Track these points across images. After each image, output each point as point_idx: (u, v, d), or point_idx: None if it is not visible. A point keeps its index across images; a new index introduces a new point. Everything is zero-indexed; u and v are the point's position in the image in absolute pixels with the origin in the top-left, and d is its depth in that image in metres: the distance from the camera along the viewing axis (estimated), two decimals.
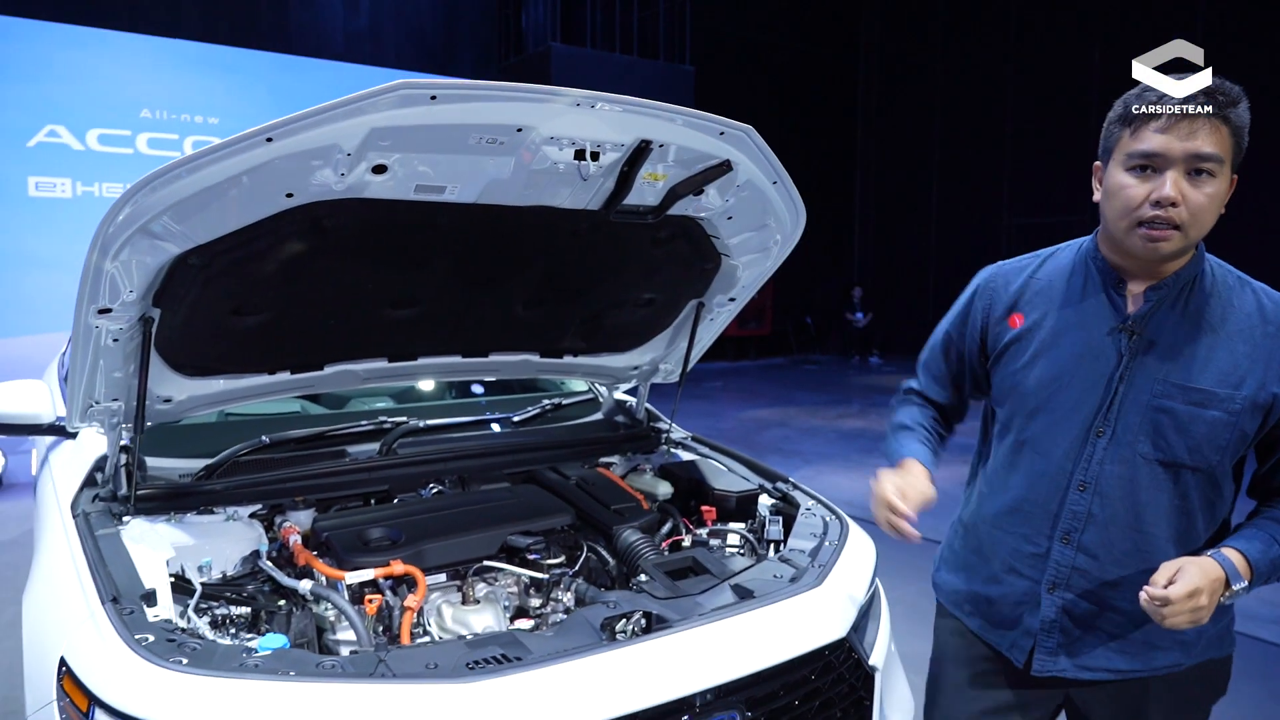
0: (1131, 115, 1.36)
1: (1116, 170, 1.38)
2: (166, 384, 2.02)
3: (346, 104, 1.48)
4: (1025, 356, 1.53)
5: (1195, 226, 1.33)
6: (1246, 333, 1.39)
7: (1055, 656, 1.50)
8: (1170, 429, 1.39)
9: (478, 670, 1.44)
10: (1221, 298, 1.42)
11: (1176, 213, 1.31)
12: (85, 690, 1.40)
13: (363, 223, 1.79)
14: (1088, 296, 1.48)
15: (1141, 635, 1.46)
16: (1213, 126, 1.30)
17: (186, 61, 6.59)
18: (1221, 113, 1.31)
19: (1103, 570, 1.45)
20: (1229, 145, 1.32)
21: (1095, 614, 1.47)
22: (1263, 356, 1.37)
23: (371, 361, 2.27)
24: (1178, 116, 1.30)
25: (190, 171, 1.50)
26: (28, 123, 5.82)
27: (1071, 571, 1.47)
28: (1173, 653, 1.48)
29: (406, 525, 2.00)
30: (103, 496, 2.02)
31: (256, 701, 1.34)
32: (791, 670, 1.66)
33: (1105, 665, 1.48)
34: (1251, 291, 1.44)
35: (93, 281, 1.63)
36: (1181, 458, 1.39)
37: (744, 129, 1.91)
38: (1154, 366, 1.40)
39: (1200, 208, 1.31)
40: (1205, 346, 1.39)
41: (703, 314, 2.60)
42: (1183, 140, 1.29)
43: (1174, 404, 1.39)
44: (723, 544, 2.18)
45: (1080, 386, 1.45)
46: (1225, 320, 1.40)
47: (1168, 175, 1.31)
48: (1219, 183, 1.32)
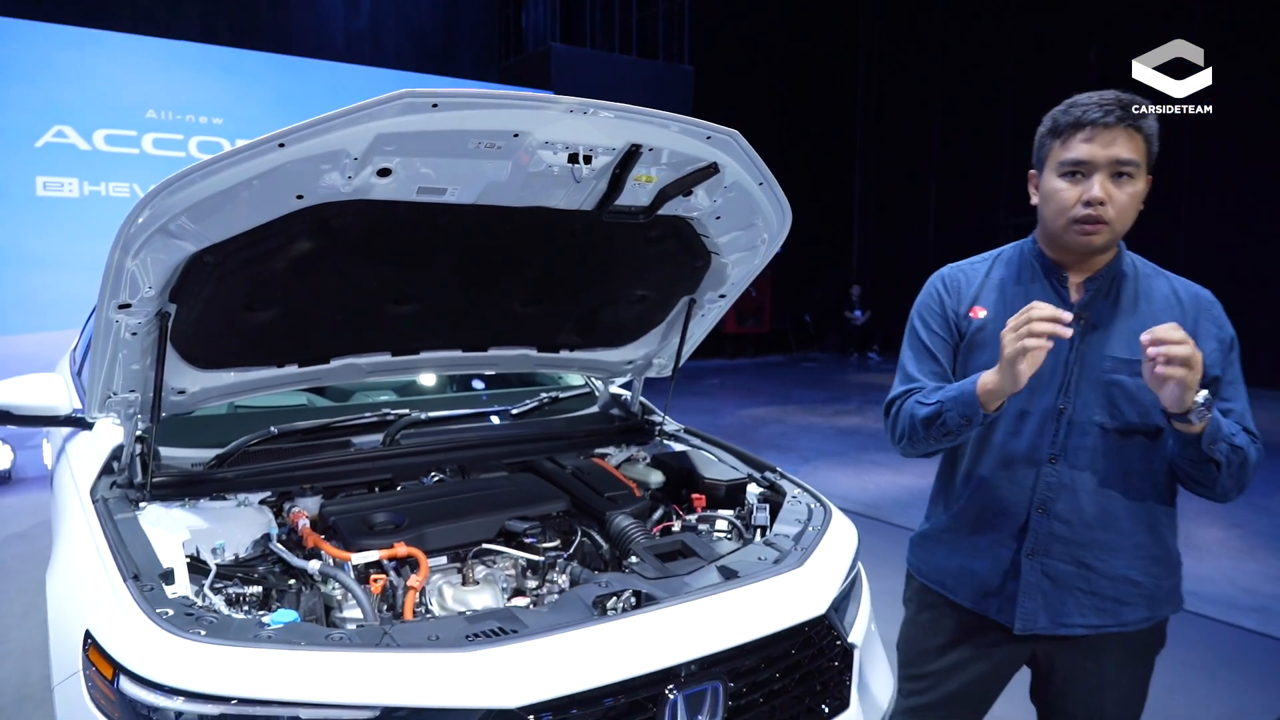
0: (1060, 128, 1.57)
1: (1051, 177, 1.58)
2: (181, 376, 2.11)
3: (354, 111, 1.58)
4: (989, 348, 1.67)
5: (1120, 221, 1.54)
6: (1168, 312, 1.61)
7: (1035, 616, 1.65)
8: (1122, 399, 1.58)
9: (476, 641, 1.53)
10: (1143, 285, 1.65)
11: (1104, 210, 1.51)
12: (110, 660, 1.50)
13: (368, 223, 1.88)
14: (1035, 291, 1.67)
15: (1113, 593, 1.63)
16: (1128, 135, 1.51)
17: (190, 63, 6.68)
18: (1134, 123, 1.51)
19: (1074, 534, 1.62)
20: (1143, 151, 1.53)
21: (1071, 575, 1.63)
22: (1187, 331, 1.51)
23: (376, 355, 2.37)
24: (1099, 128, 1.51)
25: (207, 175, 1.60)
26: (36, 124, 5.92)
27: (1049, 538, 1.63)
28: (1139, 608, 1.64)
29: (409, 510, 2.11)
30: (120, 483, 2.12)
31: (271, 669, 1.44)
32: (772, 644, 1.75)
33: (1081, 622, 1.64)
34: (1165, 279, 1.68)
35: (114, 278, 1.73)
36: (1134, 422, 1.58)
37: (730, 133, 2.01)
38: (1099, 346, 1.60)
39: (1123, 205, 1.53)
40: (1139, 325, 1.56)
41: (694, 310, 2.70)
42: (1105, 148, 1.51)
43: (1122, 377, 1.58)
44: (711, 529, 2.28)
45: (1040, 371, 1.57)
46: (1150, 303, 1.63)
47: (1095, 179, 1.52)
48: (1137, 183, 1.54)
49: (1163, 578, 1.66)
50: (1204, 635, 3.71)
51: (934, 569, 1.81)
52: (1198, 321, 1.61)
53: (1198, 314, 1.62)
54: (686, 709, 1.61)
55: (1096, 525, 1.61)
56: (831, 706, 1.88)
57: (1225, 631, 3.76)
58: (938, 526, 1.82)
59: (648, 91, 11.09)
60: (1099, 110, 1.51)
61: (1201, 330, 1.60)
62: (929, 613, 1.83)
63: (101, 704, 1.52)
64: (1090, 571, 1.62)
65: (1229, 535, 5.15)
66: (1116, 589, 1.63)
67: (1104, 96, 1.53)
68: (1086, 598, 1.63)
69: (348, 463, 2.33)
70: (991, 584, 1.69)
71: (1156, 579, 1.65)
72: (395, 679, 1.45)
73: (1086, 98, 1.55)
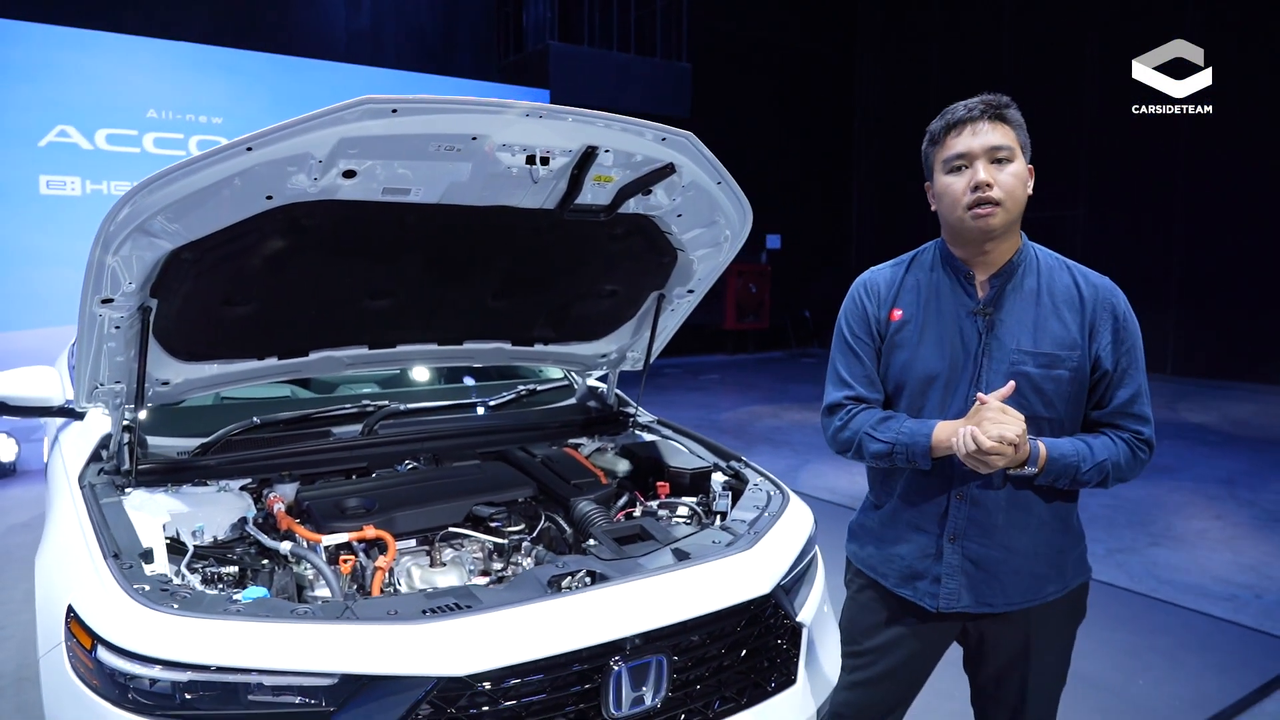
0: (936, 135, 1.73)
1: (939, 177, 1.73)
2: (165, 368, 2.22)
3: (317, 117, 1.67)
4: (908, 347, 1.79)
5: (1011, 200, 1.65)
6: (1070, 303, 1.71)
7: (958, 596, 1.75)
8: (1028, 389, 1.68)
9: (432, 615, 1.63)
10: (1047, 278, 1.74)
11: (993, 192, 1.64)
12: (90, 631, 1.61)
13: (337, 221, 1.98)
14: (945, 291, 1.78)
15: (1030, 570, 1.73)
16: (995, 125, 1.66)
17: (191, 63, 6.80)
18: (998, 114, 1.67)
19: (990, 518, 1.72)
20: (1014, 137, 1.68)
21: (991, 557, 1.73)
22: (1086, 324, 1.69)
23: (353, 349, 2.47)
24: (968, 123, 1.67)
25: (182, 176, 1.70)
26: (39, 123, 6.04)
27: (967, 523, 1.74)
28: (1053, 582, 1.76)
29: (381, 496, 2.21)
30: (107, 470, 2.23)
31: (239, 639, 1.54)
32: (716, 621, 1.85)
33: (1003, 600, 1.74)
34: (1067, 271, 1.76)
35: (96, 274, 1.83)
36: (1039, 411, 1.69)
37: (685, 135, 2.10)
38: (1006, 339, 1.70)
39: (1009, 185, 1.65)
40: (1041, 318, 1.69)
41: (664, 305, 2.79)
42: (977, 137, 1.66)
43: (1028, 368, 1.68)
44: (671, 514, 2.37)
45: (955, 366, 1.73)
46: (1053, 295, 1.72)
47: (977, 165, 1.66)
48: (1016, 165, 1.67)
49: (1069, 550, 1.79)
50: (1170, 622, 3.79)
51: (866, 554, 1.91)
52: (1095, 314, 1.70)
53: (1095, 306, 1.70)
54: (631, 680, 1.70)
55: (1011, 508, 1.72)
56: (778, 682, 1.98)
57: (1192, 618, 3.84)
58: (869, 514, 1.92)
59: (645, 89, 11.17)
60: (964, 110, 1.68)
61: (1099, 323, 1.70)
62: (864, 594, 1.93)
63: (81, 673, 1.62)
64: (1008, 552, 1.72)
65: (1210, 526, 5.22)
66: (1033, 566, 1.73)
67: (970, 100, 1.69)
68: (1007, 577, 1.73)
69: (325, 451, 2.43)
70: (916, 568, 1.79)
71: (1064, 552, 1.77)
72: (353, 649, 1.55)
73: (956, 105, 1.71)
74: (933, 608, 1.77)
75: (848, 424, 1.83)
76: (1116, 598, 4.07)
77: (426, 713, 1.54)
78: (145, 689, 1.54)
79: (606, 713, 1.69)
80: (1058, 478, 1.66)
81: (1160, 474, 6.48)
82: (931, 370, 1.74)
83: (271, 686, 1.53)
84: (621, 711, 1.70)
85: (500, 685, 1.59)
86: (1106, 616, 3.82)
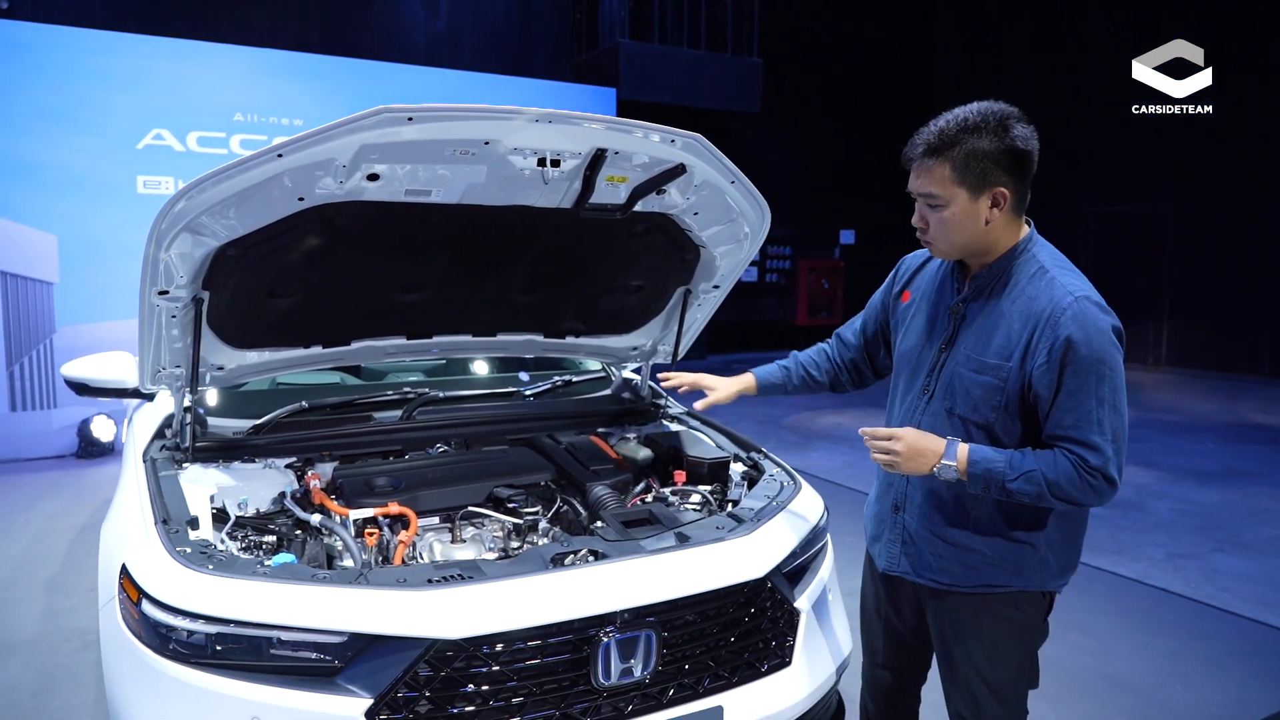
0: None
1: None
2: (219, 354, 2.43)
3: (339, 125, 1.83)
4: (903, 327, 1.92)
5: (942, 240, 1.74)
6: (1024, 316, 1.70)
7: (898, 560, 1.90)
8: (959, 391, 1.76)
9: (435, 584, 1.78)
10: (1019, 287, 1.73)
11: (926, 235, 1.77)
12: (137, 586, 1.81)
13: (368, 221, 2.14)
14: (945, 283, 1.86)
15: (957, 557, 1.81)
16: (928, 169, 1.69)
17: (277, 69, 7.18)
18: (936, 154, 1.68)
19: (927, 499, 1.84)
20: (949, 179, 1.67)
21: (923, 535, 1.85)
22: (1026, 340, 1.68)
23: (392, 339, 2.65)
24: (912, 162, 1.73)
25: (221, 180, 1.88)
26: (137, 127, 6.50)
27: (908, 499, 1.87)
28: (998, 574, 1.80)
29: (408, 476, 2.37)
30: (168, 446, 2.45)
31: (263, 598, 1.71)
32: (706, 601, 1.94)
33: (932, 576, 1.85)
34: (1046, 282, 1.70)
35: (151, 269, 2.04)
36: (967, 414, 1.76)
37: (694, 137, 2.19)
38: (965, 340, 1.77)
39: (939, 229, 1.73)
40: (993, 325, 1.73)
41: (690, 300, 2.88)
42: (914, 181, 1.74)
43: (964, 370, 1.75)
44: (682, 501, 2.46)
45: (924, 354, 1.84)
46: (1015, 305, 1.72)
47: (917, 205, 1.76)
48: (949, 210, 1.70)
49: (1025, 550, 1.77)
50: (1219, 629, 3.68)
51: (866, 518, 2.07)
52: (1036, 334, 1.65)
53: (1038, 326, 1.65)
54: (619, 652, 1.81)
55: (945, 496, 1.81)
56: (771, 664, 2.05)
57: (1245, 626, 3.72)
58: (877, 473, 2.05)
59: (715, 86, 11.20)
60: (911, 147, 1.73)
61: (1037, 342, 1.65)
62: (866, 558, 2.10)
63: (129, 623, 1.82)
64: (937, 534, 1.83)
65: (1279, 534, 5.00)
66: (961, 555, 1.81)
67: (927, 130, 1.70)
68: (935, 558, 1.84)
69: (365, 434, 2.61)
70: (877, 530, 1.97)
71: (1000, 552, 1.78)
72: (361, 611, 1.70)
73: (921, 130, 1.72)
74: (881, 568, 1.93)
75: None
76: (1166, 602, 3.97)
77: (425, 671, 1.68)
78: (184, 640, 1.73)
79: (595, 681, 1.80)
80: (986, 485, 1.66)
81: (1240, 479, 6.22)
82: (908, 351, 1.87)
83: (289, 641, 1.69)
84: (610, 681, 1.81)
85: (493, 649, 1.72)
86: (1151, 620, 3.74)
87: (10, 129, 6.10)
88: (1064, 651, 3.40)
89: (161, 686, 1.72)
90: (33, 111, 6.16)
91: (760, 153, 13.65)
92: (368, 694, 1.66)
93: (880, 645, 2.10)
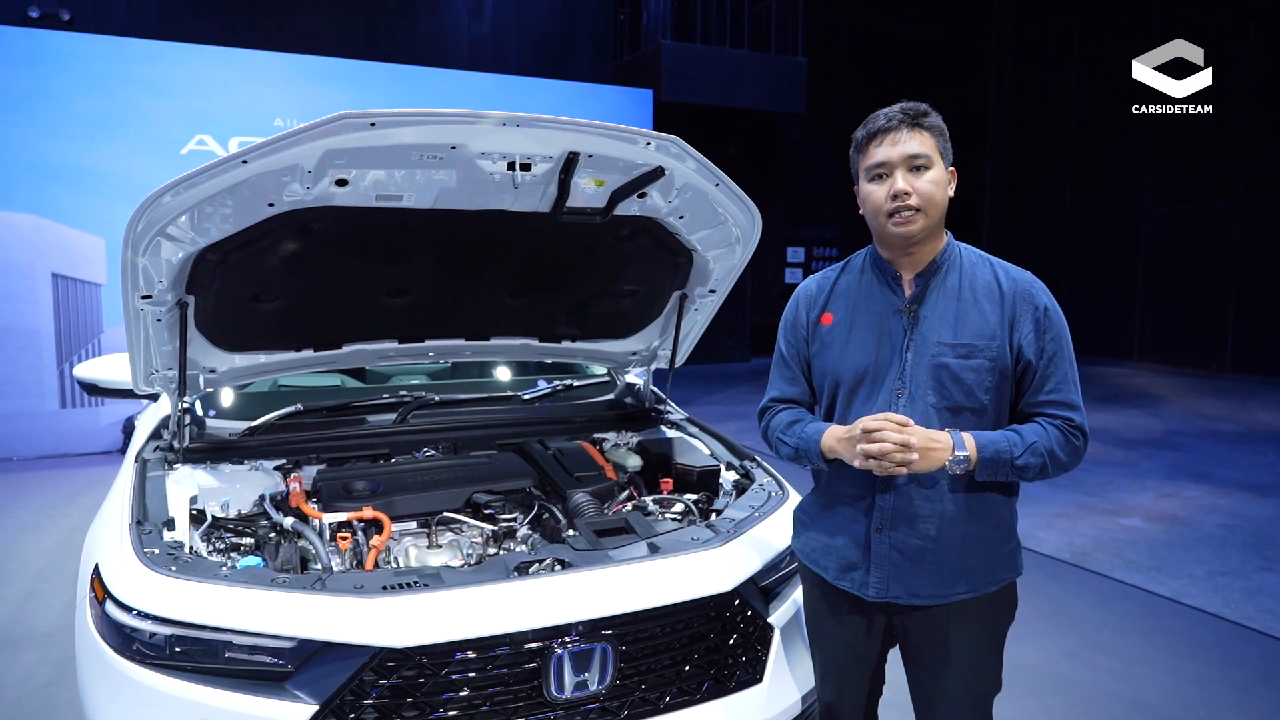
0: (859, 143, 1.75)
1: (863, 184, 1.76)
2: (210, 357, 2.46)
3: (302, 131, 1.83)
4: (838, 345, 1.82)
5: (930, 206, 1.68)
6: (990, 296, 1.72)
7: (887, 586, 1.74)
8: (948, 380, 1.69)
9: (389, 591, 1.77)
10: (967, 273, 1.76)
11: (911, 200, 1.67)
12: (103, 585, 1.84)
13: (344, 226, 2.15)
14: (875, 291, 1.80)
15: (957, 562, 1.71)
16: (913, 133, 1.68)
17: (317, 75, 7.33)
18: (915, 122, 1.69)
19: (915, 508, 1.71)
20: (932, 144, 1.69)
21: (917, 548, 1.72)
22: (1006, 315, 1.70)
23: (383, 343, 2.66)
24: (888, 132, 1.69)
25: (189, 187, 1.90)
26: (181, 133, 6.70)
27: (893, 513, 1.73)
28: (980, 577, 1.72)
29: (388, 480, 2.37)
30: (162, 447, 2.50)
31: (218, 602, 1.72)
32: (671, 615, 1.89)
33: (930, 591, 1.72)
34: (990, 265, 1.77)
35: (130, 274, 2.07)
36: (960, 401, 1.70)
37: (670, 139, 2.14)
38: (928, 334, 1.72)
39: (927, 193, 1.67)
40: (962, 311, 1.71)
41: (686, 305, 2.84)
42: (895, 147, 1.68)
43: (948, 359, 1.69)
44: (662, 510, 2.42)
45: (880, 361, 1.75)
46: (974, 289, 1.73)
47: (896, 174, 1.68)
48: (935, 172, 1.68)
49: (999, 544, 1.75)
50: (1253, 653, 3.48)
51: (806, 545, 1.90)
52: (1016, 307, 1.70)
53: (1015, 300, 1.71)
54: (573, 665, 1.78)
55: (936, 499, 1.70)
56: (740, 680, 2.00)
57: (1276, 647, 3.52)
58: (808, 504, 1.93)
59: (757, 85, 11.08)
60: (885, 119, 1.70)
61: (1019, 314, 1.70)
62: (806, 584, 1.95)
63: (96, 622, 1.85)
64: (934, 543, 1.70)
65: None
66: (960, 558, 1.71)
67: (891, 109, 1.71)
68: (933, 569, 1.71)
69: (355, 437, 2.62)
70: (851, 558, 1.79)
71: (994, 546, 1.74)
72: (311, 617, 1.70)
73: (878, 113, 1.73)
74: (868, 597, 1.77)
75: (768, 425, 1.94)
76: (1202, 622, 3.78)
77: (370, 678, 1.67)
78: (146, 640, 1.74)
79: (549, 694, 1.77)
80: (995, 469, 1.64)
81: None
82: (858, 366, 1.77)
83: (242, 645, 1.70)
84: (564, 694, 1.78)
85: (441, 659, 1.70)
86: (1182, 642, 3.56)
87: (62, 136, 6.34)
88: (1082, 671, 3.26)
89: (120, 686, 1.74)
90: (83, 119, 6.39)
91: (806, 152, 13.50)
92: (314, 700, 1.66)
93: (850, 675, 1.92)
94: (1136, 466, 6.76)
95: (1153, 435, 7.99)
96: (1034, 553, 4.70)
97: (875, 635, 1.86)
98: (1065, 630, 3.65)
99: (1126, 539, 4.96)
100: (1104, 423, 8.40)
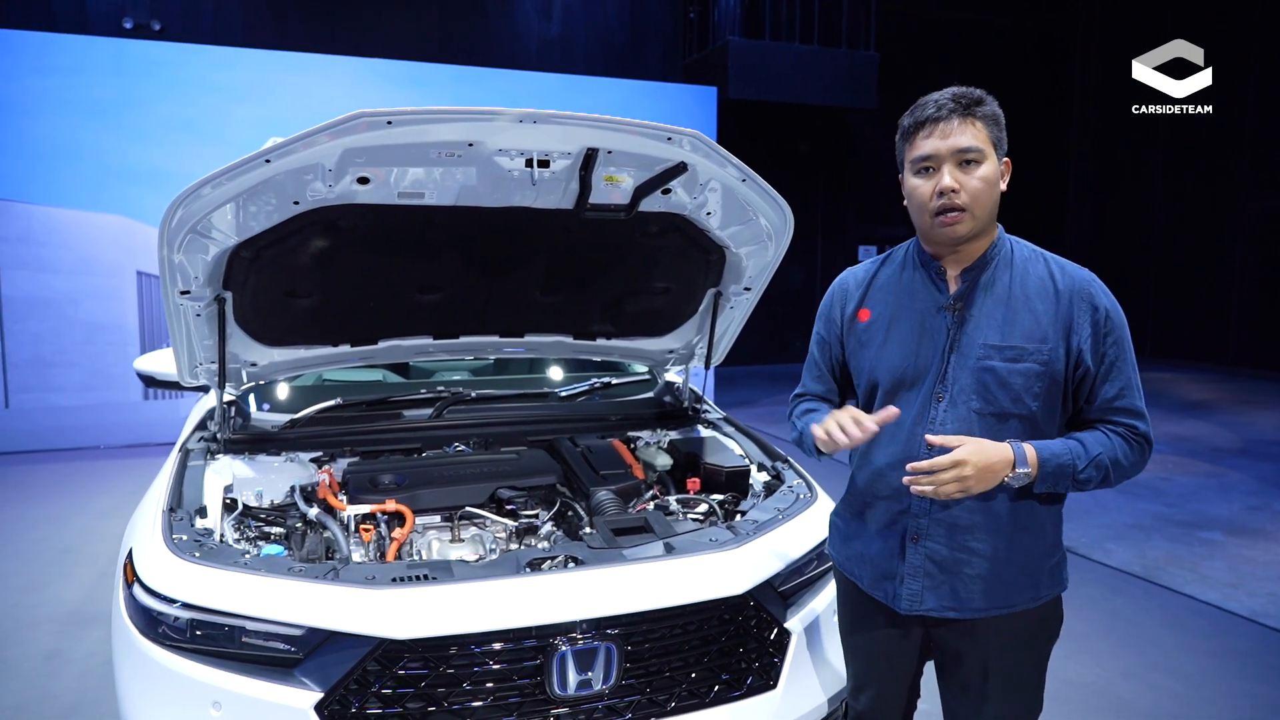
0: (906, 131, 1.63)
1: (908, 177, 1.64)
2: (251, 351, 2.54)
3: (321, 130, 1.87)
4: (875, 344, 1.71)
5: (978, 206, 1.56)
6: (1043, 296, 1.60)
7: (920, 598, 1.65)
8: (994, 384, 1.58)
9: (399, 583, 1.79)
10: (1020, 270, 1.63)
11: (957, 197, 1.55)
12: (133, 568, 1.91)
13: (371, 223, 2.19)
14: (918, 287, 1.69)
15: (994, 575, 1.61)
16: (965, 125, 1.56)
17: (388, 79, 7.53)
18: (967, 111, 1.56)
19: (954, 518, 1.61)
20: (985, 136, 1.57)
21: (954, 560, 1.62)
22: (1061, 317, 1.58)
23: (418, 338, 2.70)
24: (938, 123, 1.56)
25: (216, 185, 1.96)
26: (256, 137, 6.87)
27: (929, 523, 1.63)
28: (1024, 591, 1.62)
29: (415, 474, 2.40)
30: (205, 438, 2.59)
31: (233, 587, 1.78)
32: (679, 616, 1.86)
33: (967, 605, 1.63)
34: (1044, 261, 1.65)
35: (169, 270, 2.15)
36: (1007, 407, 1.58)
37: (691, 133, 2.11)
38: (974, 335, 1.61)
39: (976, 190, 1.55)
40: (1012, 311, 1.60)
41: (721, 303, 2.80)
42: (945, 140, 1.56)
43: (994, 363, 1.58)
44: (686, 510, 2.39)
45: (921, 361, 1.64)
46: (1025, 288, 1.61)
47: (944, 169, 1.56)
48: (987, 167, 1.56)
49: (1043, 558, 1.65)
50: None
51: (840, 551, 1.83)
52: (1072, 307, 1.59)
53: (1072, 298, 1.59)
54: (576, 663, 1.77)
55: (976, 509, 1.60)
56: (753, 685, 1.95)
57: None
58: (843, 511, 1.84)
59: (825, 81, 10.88)
60: (934, 108, 1.58)
61: (1077, 316, 1.58)
62: (842, 590, 1.87)
63: (125, 604, 1.93)
64: (973, 555, 1.60)
65: None
66: (999, 571, 1.60)
67: (941, 95, 1.59)
68: (971, 581, 1.61)
69: (389, 432, 2.67)
70: (886, 568, 1.70)
71: (1037, 560, 1.64)
72: (320, 607, 1.74)
73: (926, 98, 1.61)
74: (900, 609, 1.68)
75: (790, 415, 1.88)
76: None
77: (374, 669, 1.70)
78: (170, 624, 1.81)
79: (551, 691, 1.76)
80: (1056, 481, 1.54)
81: None
82: (897, 366, 1.67)
83: (255, 631, 1.75)
84: (567, 692, 1.77)
85: (444, 652, 1.71)
86: (1255, 664, 3.34)
87: (146, 140, 6.67)
88: (1142, 692, 3.09)
89: (144, 667, 1.81)
90: (165, 124, 6.70)
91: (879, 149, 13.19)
92: (319, 688, 1.69)
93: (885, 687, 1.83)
94: (1225, 477, 6.39)
95: (1246, 444, 7.54)
96: (1100, 565, 4.49)
97: (912, 647, 1.76)
98: (1127, 648, 3.47)
99: (1204, 553, 4.69)
100: (1193, 430, 7.97)
